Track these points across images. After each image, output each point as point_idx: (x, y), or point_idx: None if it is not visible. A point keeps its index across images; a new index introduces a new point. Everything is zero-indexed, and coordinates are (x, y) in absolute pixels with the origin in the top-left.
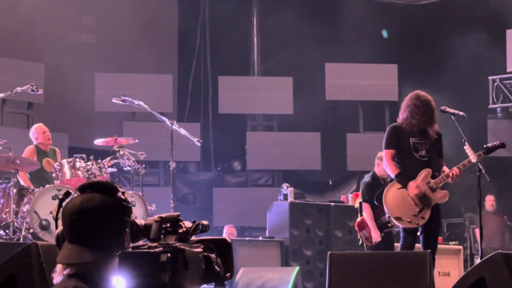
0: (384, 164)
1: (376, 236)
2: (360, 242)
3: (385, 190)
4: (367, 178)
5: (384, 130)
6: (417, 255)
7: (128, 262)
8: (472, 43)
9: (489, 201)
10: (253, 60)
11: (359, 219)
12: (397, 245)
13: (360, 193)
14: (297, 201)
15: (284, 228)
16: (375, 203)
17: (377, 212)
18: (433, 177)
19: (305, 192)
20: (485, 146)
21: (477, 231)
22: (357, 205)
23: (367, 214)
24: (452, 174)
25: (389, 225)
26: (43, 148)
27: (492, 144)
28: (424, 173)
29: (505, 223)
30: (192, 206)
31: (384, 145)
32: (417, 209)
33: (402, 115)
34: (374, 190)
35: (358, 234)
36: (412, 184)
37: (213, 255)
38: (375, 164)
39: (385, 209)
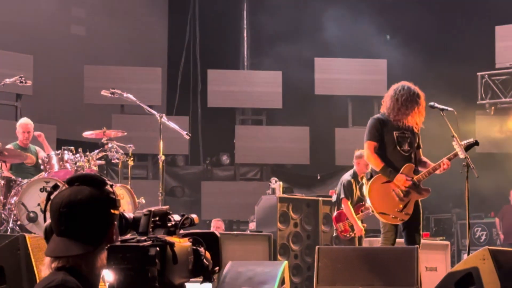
0: (367, 157)
1: (359, 230)
2: (334, 234)
3: (369, 184)
4: (348, 176)
5: None
6: (405, 250)
7: (117, 256)
8: (461, 39)
9: None
10: (242, 54)
11: (335, 213)
12: (367, 240)
13: (340, 189)
14: (285, 195)
15: (272, 222)
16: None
17: (354, 210)
18: (415, 172)
19: (294, 187)
20: (460, 143)
21: (497, 220)
22: (334, 198)
23: (347, 209)
24: (443, 164)
25: (362, 225)
26: (22, 145)
27: (467, 141)
28: (407, 168)
29: None
30: (180, 199)
31: (367, 137)
32: (401, 205)
33: (388, 107)
34: (354, 187)
35: (334, 226)
36: (401, 177)
37: (201, 249)
38: (354, 162)
39: (369, 204)
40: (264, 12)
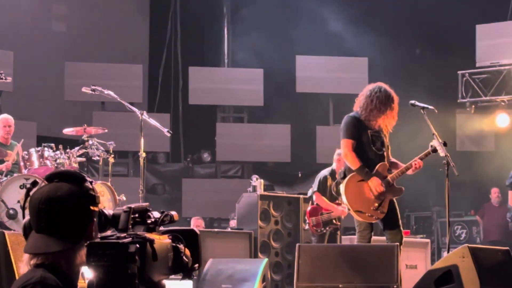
0: (344, 154)
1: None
2: (306, 227)
3: (345, 182)
4: (325, 172)
5: None
6: (385, 248)
7: (96, 253)
8: (441, 38)
9: (495, 193)
10: (224, 51)
11: (309, 207)
12: (348, 237)
13: (315, 183)
14: (266, 193)
15: (253, 220)
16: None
17: (325, 209)
18: (388, 171)
19: (275, 184)
20: (431, 145)
21: (479, 218)
22: (309, 193)
23: (321, 201)
24: (415, 164)
25: (335, 222)
26: (3, 141)
27: (434, 146)
28: (381, 167)
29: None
30: (161, 196)
31: (344, 135)
32: (376, 204)
33: (362, 106)
34: (330, 184)
35: (307, 220)
36: (376, 180)
37: (181, 246)
38: (335, 160)
39: (345, 202)
40: (245, 10)
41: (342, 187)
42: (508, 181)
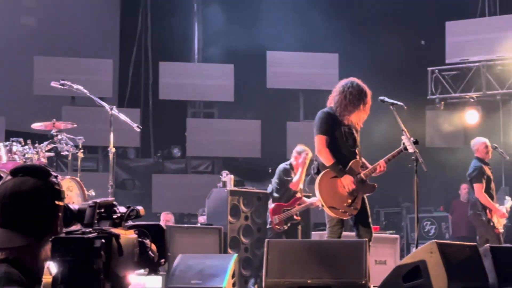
0: (318, 151)
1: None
2: (268, 226)
3: (319, 178)
4: (284, 165)
5: None
6: (354, 243)
7: (61, 248)
8: (411, 34)
9: (464, 190)
10: (194, 46)
11: (273, 205)
12: (317, 233)
13: (278, 177)
14: (236, 188)
15: (223, 216)
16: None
17: (291, 202)
18: (361, 167)
19: (245, 180)
20: (403, 143)
21: (451, 217)
22: (269, 189)
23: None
24: (379, 166)
25: (296, 217)
26: None
27: (406, 142)
28: (354, 164)
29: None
30: (131, 192)
31: (318, 131)
32: (350, 200)
33: (335, 102)
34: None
35: (270, 218)
36: (348, 178)
37: (147, 241)
38: (293, 156)
39: (319, 198)
40: (216, 5)
41: (316, 183)
42: (470, 174)
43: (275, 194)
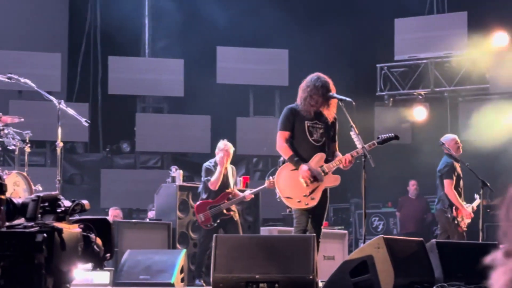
0: (278, 146)
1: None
2: (196, 224)
3: (278, 171)
4: (208, 163)
5: (274, 115)
6: (301, 238)
7: (2, 242)
8: (361, 31)
9: (413, 186)
10: (144, 41)
11: (199, 202)
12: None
13: (204, 174)
14: (185, 183)
15: (171, 211)
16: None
17: (218, 198)
18: (326, 161)
19: (194, 175)
20: (379, 136)
21: (398, 214)
22: (200, 189)
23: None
24: (345, 160)
25: (225, 212)
26: None
27: (386, 135)
28: (318, 157)
29: (425, 208)
30: (79, 187)
31: (279, 127)
32: (308, 191)
33: (300, 96)
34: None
35: (196, 216)
36: (303, 167)
37: (92, 235)
38: (216, 153)
39: (277, 189)
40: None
41: (275, 175)
42: (442, 170)
43: (203, 195)
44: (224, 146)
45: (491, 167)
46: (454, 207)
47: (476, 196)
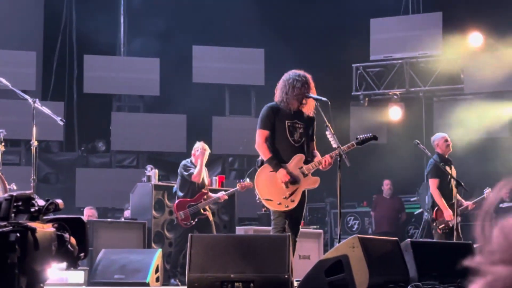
0: (257, 145)
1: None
2: (175, 222)
3: (258, 172)
4: (185, 162)
5: (250, 114)
6: (276, 238)
7: None
8: (336, 31)
9: (387, 185)
10: (120, 40)
11: (178, 200)
12: (242, 228)
13: (182, 173)
14: (160, 183)
15: (147, 210)
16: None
17: (196, 197)
18: (305, 162)
19: (170, 174)
20: (357, 137)
21: (373, 213)
22: (174, 189)
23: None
24: (324, 161)
25: (202, 212)
26: None
27: (365, 136)
28: (297, 158)
29: (400, 207)
30: (54, 186)
31: (259, 125)
32: (288, 193)
33: (281, 94)
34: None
35: (175, 214)
36: (282, 171)
37: (66, 235)
38: (192, 154)
39: (256, 191)
40: None
41: (255, 176)
42: (427, 169)
43: (179, 193)
44: (201, 145)
45: (466, 166)
46: (435, 209)
47: (485, 190)
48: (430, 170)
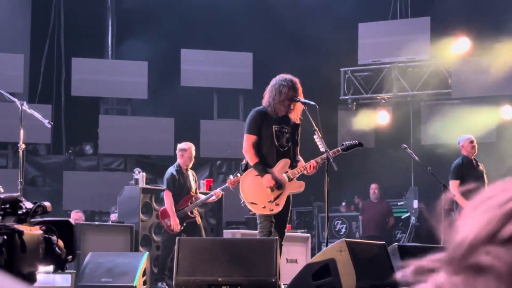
0: (244, 150)
1: (174, 224)
2: (162, 230)
3: (243, 175)
4: (171, 169)
5: (238, 117)
6: (264, 241)
7: None
8: (325, 35)
9: (372, 189)
10: (108, 43)
11: (163, 207)
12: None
13: (164, 183)
14: (148, 186)
15: (134, 213)
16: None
17: (181, 202)
18: (291, 166)
19: (157, 178)
20: (343, 143)
21: (361, 217)
22: (161, 195)
23: (168, 202)
24: (309, 166)
25: (191, 215)
26: None
27: (350, 142)
28: (283, 163)
29: (387, 211)
30: (41, 189)
31: (246, 130)
32: (272, 196)
33: (269, 99)
34: (179, 181)
35: (161, 222)
36: (267, 176)
37: (54, 237)
38: (178, 156)
39: (241, 194)
40: (130, 1)
41: (240, 180)
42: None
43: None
44: (186, 145)
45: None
46: (458, 209)
47: None
48: (451, 171)
